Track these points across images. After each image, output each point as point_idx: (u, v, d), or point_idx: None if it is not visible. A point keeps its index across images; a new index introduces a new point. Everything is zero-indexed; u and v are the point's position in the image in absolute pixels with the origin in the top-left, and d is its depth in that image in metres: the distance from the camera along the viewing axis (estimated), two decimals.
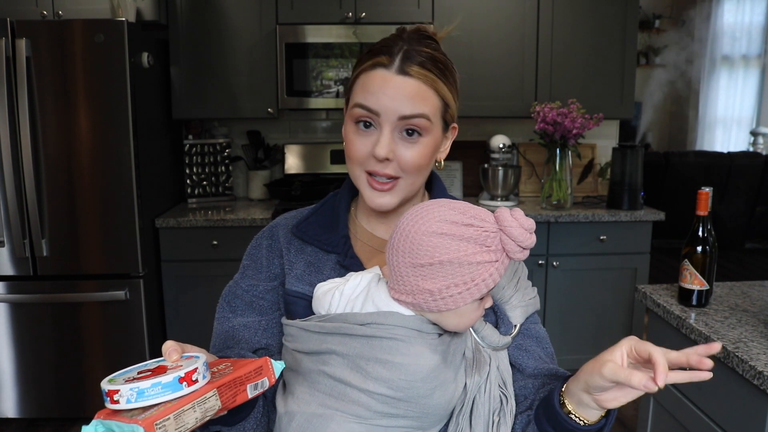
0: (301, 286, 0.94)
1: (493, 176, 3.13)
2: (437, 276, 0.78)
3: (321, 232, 0.97)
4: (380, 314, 0.83)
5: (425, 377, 0.80)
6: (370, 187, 0.91)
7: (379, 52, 0.89)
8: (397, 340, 0.81)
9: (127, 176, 2.57)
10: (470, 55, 3.05)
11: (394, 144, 0.88)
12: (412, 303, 0.81)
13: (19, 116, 2.44)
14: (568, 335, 3.04)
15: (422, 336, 0.82)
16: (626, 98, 3.17)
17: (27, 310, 2.63)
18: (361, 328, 0.82)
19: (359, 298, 0.86)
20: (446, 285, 0.78)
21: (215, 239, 2.83)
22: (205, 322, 2.90)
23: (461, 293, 0.78)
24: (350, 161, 0.92)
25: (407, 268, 0.79)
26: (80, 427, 2.74)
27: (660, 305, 1.70)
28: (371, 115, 0.88)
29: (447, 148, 0.98)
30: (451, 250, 0.77)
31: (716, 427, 1.47)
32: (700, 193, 1.60)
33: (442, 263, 0.77)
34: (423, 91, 0.87)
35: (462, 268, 0.77)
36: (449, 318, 0.81)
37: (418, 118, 0.87)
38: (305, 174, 3.33)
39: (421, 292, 0.79)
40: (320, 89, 2.99)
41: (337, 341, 0.83)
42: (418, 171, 0.91)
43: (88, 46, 2.47)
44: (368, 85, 0.88)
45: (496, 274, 0.79)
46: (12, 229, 2.52)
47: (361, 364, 0.81)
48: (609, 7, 3.08)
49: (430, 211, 0.80)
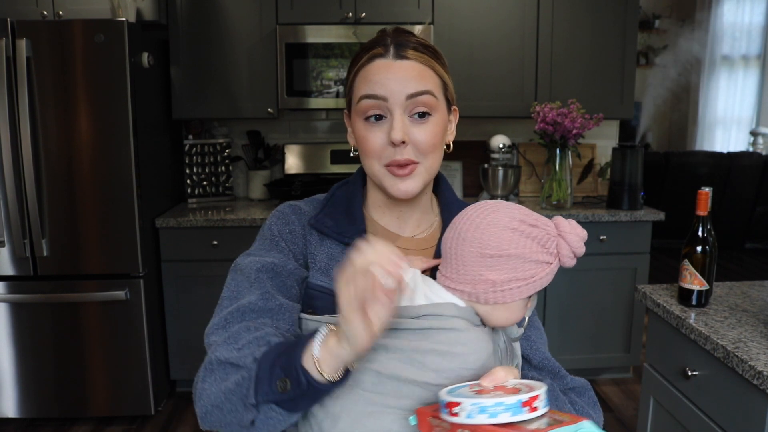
0: (326, 280, 0.93)
1: (493, 176, 3.13)
2: (502, 268, 0.82)
3: (339, 223, 0.96)
4: (435, 306, 0.83)
5: (484, 365, 0.81)
6: (392, 175, 0.92)
7: (371, 47, 0.92)
8: (456, 330, 0.82)
9: (127, 176, 2.57)
10: (470, 55, 3.05)
11: (407, 127, 0.90)
12: (469, 293, 0.83)
13: (20, 116, 2.44)
14: (568, 335, 3.04)
15: (476, 326, 0.84)
16: (626, 98, 3.17)
17: (27, 310, 2.63)
18: (416, 321, 0.81)
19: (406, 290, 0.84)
20: (509, 278, 0.82)
21: (215, 239, 2.83)
22: (206, 322, 2.90)
23: (520, 288, 0.82)
24: (368, 157, 0.92)
25: (473, 257, 0.82)
26: (80, 427, 2.74)
27: (660, 305, 1.70)
28: (379, 103, 0.89)
29: (453, 131, 1.00)
30: (519, 245, 0.81)
31: (716, 427, 1.47)
32: (699, 193, 1.60)
33: (509, 256, 0.81)
34: (423, 70, 0.91)
35: (525, 264, 0.82)
36: (499, 311, 0.84)
37: (425, 95, 0.90)
38: (305, 174, 3.33)
39: (483, 282, 0.82)
40: (320, 89, 2.99)
41: (387, 335, 0.80)
42: (433, 151, 0.92)
43: (88, 46, 2.47)
44: (370, 75, 0.90)
45: (549, 276, 0.83)
46: (12, 229, 2.52)
47: (416, 357, 0.80)
48: (609, 7, 3.08)
49: (499, 206, 0.85)
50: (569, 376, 0.98)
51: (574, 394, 0.96)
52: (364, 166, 0.94)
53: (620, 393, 3.06)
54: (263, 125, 3.37)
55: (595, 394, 0.99)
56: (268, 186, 3.23)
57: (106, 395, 2.72)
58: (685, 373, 1.57)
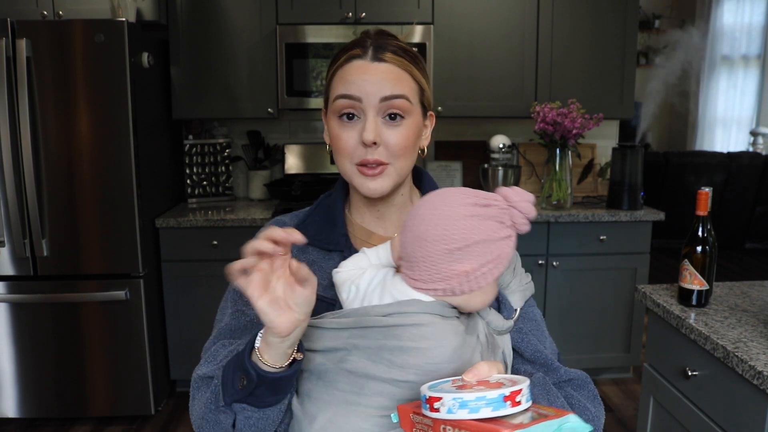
0: None
1: (493, 176, 3.13)
2: (472, 257, 0.81)
3: (320, 231, 0.99)
4: (402, 303, 0.84)
5: (450, 358, 0.82)
6: (361, 174, 0.93)
7: (351, 47, 0.93)
8: (421, 325, 0.82)
9: (127, 176, 2.57)
10: (470, 55, 3.05)
11: (380, 128, 0.91)
12: (443, 289, 0.83)
13: (20, 116, 2.44)
14: (568, 335, 3.04)
15: (444, 320, 0.84)
16: (626, 98, 3.17)
17: (27, 310, 2.63)
18: (383, 319, 0.83)
19: (376, 290, 0.87)
20: (480, 263, 0.82)
21: (215, 239, 2.83)
22: (206, 322, 2.90)
23: (491, 270, 0.82)
24: (339, 155, 0.94)
25: (440, 255, 0.82)
26: (80, 427, 2.74)
27: (660, 305, 1.70)
28: (354, 103, 0.90)
29: (428, 136, 1.01)
30: (482, 229, 0.81)
31: (716, 427, 1.47)
32: (700, 193, 1.60)
33: (476, 243, 0.81)
34: (399, 74, 0.91)
35: (491, 245, 0.82)
36: (476, 297, 0.85)
37: (399, 99, 0.91)
38: (305, 174, 3.33)
39: (456, 276, 0.82)
40: (320, 89, 2.99)
41: (356, 335, 0.84)
42: (404, 154, 0.93)
43: (88, 46, 2.47)
44: (347, 75, 0.91)
45: (512, 249, 0.84)
46: (12, 229, 2.52)
47: (384, 355, 0.82)
48: (609, 7, 3.08)
49: (449, 197, 0.84)
50: (563, 368, 0.96)
51: (571, 388, 0.95)
52: (337, 165, 0.96)
53: (620, 393, 3.06)
54: (263, 125, 3.37)
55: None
56: (268, 186, 3.23)
57: (106, 395, 2.72)
58: (685, 373, 1.57)
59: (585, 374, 0.97)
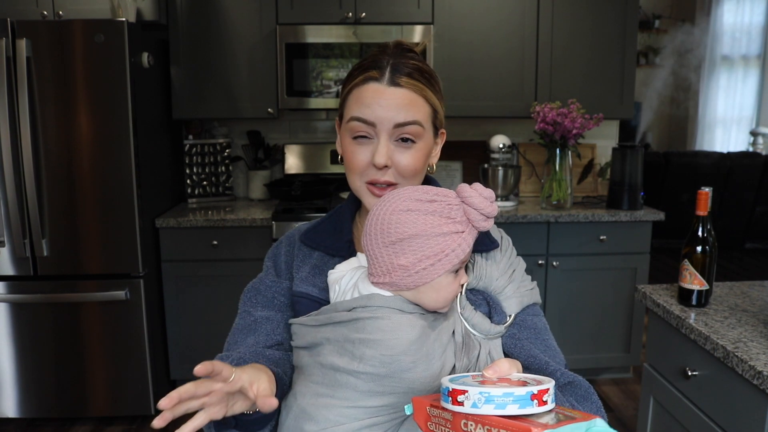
0: (305, 286, 0.99)
1: (493, 176, 3.13)
2: (408, 250, 0.84)
3: (326, 237, 1.04)
4: (363, 298, 0.88)
5: (406, 350, 0.84)
6: (371, 194, 0.96)
7: (368, 67, 0.95)
8: (378, 318, 0.85)
9: (127, 176, 2.57)
10: (470, 56, 3.05)
11: (391, 151, 0.94)
12: (389, 283, 0.86)
13: (20, 116, 2.44)
14: (568, 335, 3.04)
15: (403, 314, 0.87)
16: (626, 98, 3.17)
17: (27, 310, 2.63)
18: (348, 313, 0.88)
19: (348, 290, 0.92)
20: (418, 258, 0.83)
21: (215, 239, 2.83)
22: (206, 322, 2.91)
23: (433, 265, 0.83)
24: (351, 172, 0.97)
25: (380, 248, 0.85)
26: (80, 427, 2.74)
27: (660, 305, 1.70)
28: (368, 128, 0.93)
29: (438, 153, 1.04)
30: (418, 223, 0.83)
31: (716, 427, 1.47)
32: (699, 193, 1.60)
33: (411, 237, 0.83)
34: (414, 100, 0.93)
35: (430, 240, 0.83)
36: (427, 293, 0.86)
37: (412, 125, 0.93)
38: (305, 174, 3.33)
39: (396, 269, 0.85)
40: (320, 89, 2.99)
41: (328, 330, 0.89)
42: (414, 175, 0.96)
43: (88, 46, 2.47)
44: (362, 98, 0.93)
45: (464, 244, 0.84)
46: (12, 229, 2.52)
47: (348, 348, 0.86)
48: (609, 7, 3.08)
49: (395, 194, 0.88)
50: (561, 371, 0.93)
51: (574, 399, 0.92)
52: (347, 178, 0.99)
53: (620, 393, 3.06)
54: (263, 125, 3.37)
55: (597, 394, 0.96)
56: (268, 186, 3.23)
57: (106, 395, 2.72)
58: (685, 373, 1.57)
59: (587, 383, 0.95)
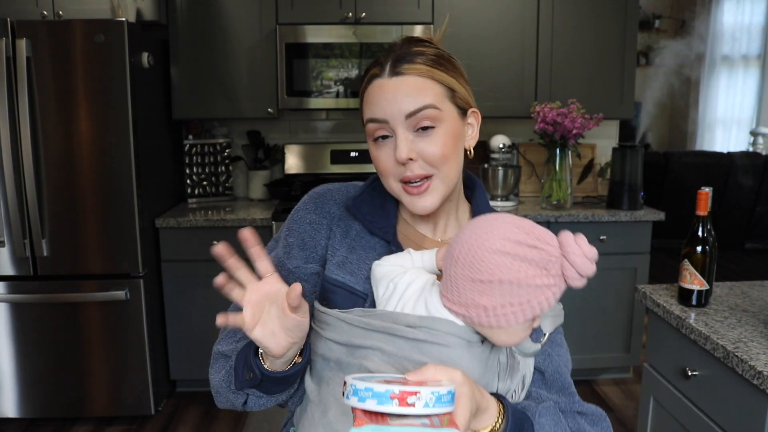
0: (342, 274, 0.94)
1: (493, 176, 3.13)
2: (494, 293, 0.77)
3: (373, 213, 0.98)
4: (433, 320, 0.82)
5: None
6: (408, 194, 0.92)
7: (372, 66, 0.93)
8: (447, 347, 0.81)
9: (127, 176, 2.57)
10: (470, 55, 3.05)
11: (412, 143, 0.89)
12: (463, 315, 0.81)
13: (19, 116, 2.44)
14: (568, 335, 3.01)
15: (471, 345, 0.82)
16: (626, 98, 3.17)
17: (27, 310, 2.63)
18: (411, 330, 0.82)
19: (412, 298, 0.85)
20: (501, 303, 0.77)
21: (215, 239, 2.83)
22: (206, 322, 2.90)
23: (515, 313, 0.77)
24: (383, 176, 0.94)
25: (464, 281, 0.79)
26: (80, 427, 2.74)
27: (660, 305, 1.70)
28: (382, 126, 0.90)
29: (474, 134, 0.97)
30: (513, 270, 0.76)
31: (716, 427, 1.47)
32: (700, 193, 1.60)
33: (501, 282, 0.76)
34: (419, 83, 0.89)
35: (520, 289, 0.77)
36: (498, 334, 0.81)
37: (425, 110, 0.88)
38: (305, 174, 3.33)
39: (475, 307, 0.79)
40: (320, 89, 2.99)
41: (384, 339, 0.83)
42: (445, 162, 0.91)
43: (88, 46, 2.47)
44: (370, 98, 0.91)
45: (552, 298, 0.78)
46: (12, 229, 2.52)
47: (406, 365, 0.81)
48: (609, 7, 3.08)
49: (495, 226, 0.79)
50: (578, 398, 0.96)
51: (586, 422, 0.93)
52: (384, 184, 0.95)
53: (620, 393, 3.06)
54: (263, 125, 3.37)
55: (595, 396, 0.98)
56: (268, 186, 3.23)
57: (106, 395, 2.72)
58: (685, 373, 1.57)
59: (601, 411, 0.96)
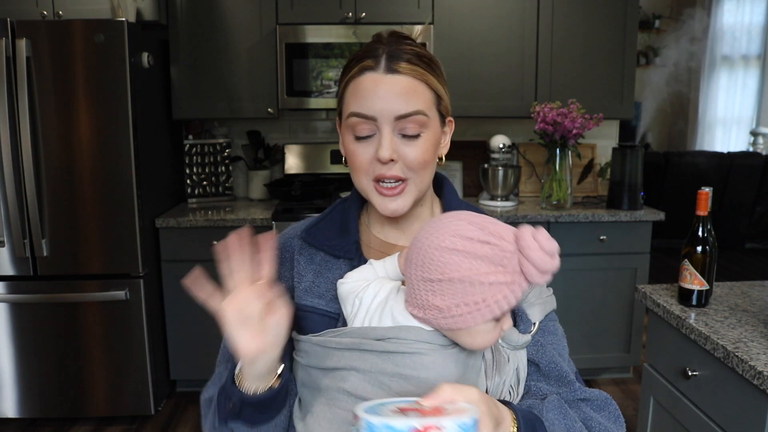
0: (311, 299, 0.92)
1: (493, 176, 3.13)
2: (446, 293, 0.74)
3: (331, 237, 0.95)
4: (399, 329, 0.80)
5: None
6: (379, 194, 0.89)
7: (363, 57, 0.88)
8: (419, 354, 0.79)
9: (127, 176, 2.57)
10: (470, 55, 3.05)
11: (396, 144, 0.87)
12: (422, 318, 0.78)
13: (19, 116, 2.44)
14: (568, 335, 2.99)
15: (444, 348, 0.80)
16: (626, 98, 3.17)
17: (27, 310, 2.63)
18: (380, 343, 0.80)
19: (377, 310, 0.83)
20: (455, 303, 0.74)
21: (215, 239, 2.83)
22: (205, 322, 2.90)
23: (471, 313, 0.74)
24: (355, 172, 0.90)
25: (418, 282, 0.77)
26: (80, 427, 2.74)
27: (660, 305, 1.70)
28: (366, 122, 0.86)
29: (447, 143, 0.96)
30: (463, 267, 0.73)
31: (716, 427, 1.47)
32: (700, 193, 1.60)
33: (452, 280, 0.74)
34: (415, 86, 0.86)
35: (473, 287, 0.73)
36: (461, 337, 0.78)
37: (415, 115, 0.86)
38: (305, 174, 3.33)
39: (431, 308, 0.76)
40: (320, 89, 2.99)
41: (356, 357, 0.81)
42: (423, 168, 0.89)
43: (88, 46, 2.47)
44: (359, 90, 0.87)
45: (511, 296, 0.74)
46: (12, 229, 2.52)
47: (382, 380, 0.79)
48: (609, 7, 3.08)
49: (446, 224, 0.77)
50: (578, 384, 0.92)
51: (591, 408, 0.91)
52: (353, 179, 0.92)
53: (620, 393, 3.06)
54: (263, 125, 3.37)
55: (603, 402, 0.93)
56: (268, 186, 3.23)
57: (106, 395, 2.72)
58: (685, 373, 1.57)
59: (606, 394, 0.93)
